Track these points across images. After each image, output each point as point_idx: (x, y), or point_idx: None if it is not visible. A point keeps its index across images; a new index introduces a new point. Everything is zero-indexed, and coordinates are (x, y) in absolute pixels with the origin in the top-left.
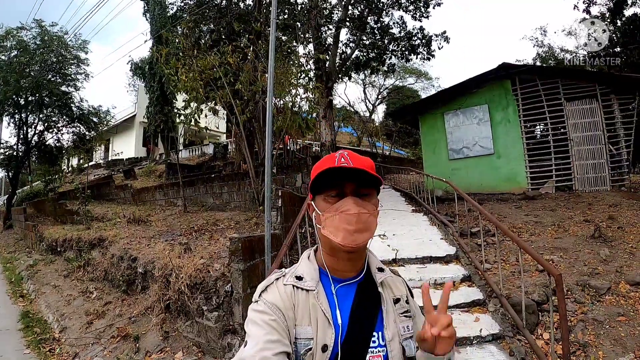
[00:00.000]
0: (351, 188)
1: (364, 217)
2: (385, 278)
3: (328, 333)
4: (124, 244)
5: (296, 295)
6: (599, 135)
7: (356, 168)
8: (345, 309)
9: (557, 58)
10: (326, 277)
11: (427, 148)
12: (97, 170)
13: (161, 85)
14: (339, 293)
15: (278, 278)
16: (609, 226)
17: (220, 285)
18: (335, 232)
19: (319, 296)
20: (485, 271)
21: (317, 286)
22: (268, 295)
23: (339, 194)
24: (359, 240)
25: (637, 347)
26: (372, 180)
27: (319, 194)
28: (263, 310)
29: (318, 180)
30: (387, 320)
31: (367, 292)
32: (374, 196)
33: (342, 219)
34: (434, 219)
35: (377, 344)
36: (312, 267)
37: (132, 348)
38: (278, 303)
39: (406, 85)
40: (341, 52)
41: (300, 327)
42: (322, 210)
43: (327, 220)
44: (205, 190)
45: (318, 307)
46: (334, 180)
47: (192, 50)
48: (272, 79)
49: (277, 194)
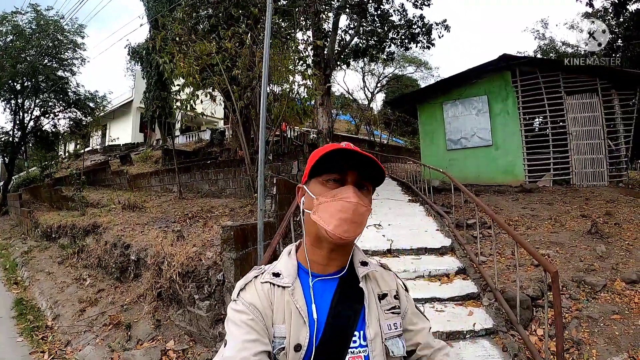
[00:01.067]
0: (353, 177)
1: (361, 210)
2: (370, 272)
3: (302, 332)
4: (118, 230)
5: (273, 293)
6: (599, 130)
7: (364, 154)
8: (324, 305)
9: (558, 51)
10: (306, 273)
11: (425, 138)
12: (93, 156)
13: (159, 70)
14: (316, 288)
15: (257, 276)
16: (605, 222)
17: (212, 274)
18: (327, 220)
19: (294, 293)
20: (480, 264)
21: (294, 282)
22: (246, 294)
23: (340, 181)
24: (350, 232)
25: (631, 347)
26: (373, 175)
27: (316, 177)
28: (241, 310)
29: (321, 162)
30: (369, 318)
31: (349, 287)
32: (370, 192)
33: (339, 206)
34: (430, 209)
35: (357, 344)
36: (290, 263)
37: (123, 336)
38: (256, 303)
39: (405, 74)
40: (340, 39)
41: (276, 325)
42: (316, 194)
43: (320, 206)
44: (201, 176)
45: (292, 304)
46: (336, 165)
47: (189, 35)
48: (267, 63)
49: (272, 182)
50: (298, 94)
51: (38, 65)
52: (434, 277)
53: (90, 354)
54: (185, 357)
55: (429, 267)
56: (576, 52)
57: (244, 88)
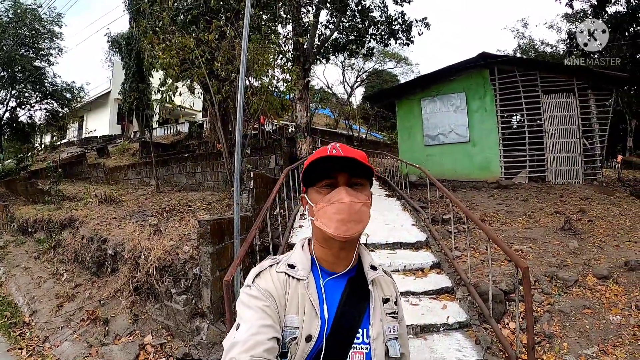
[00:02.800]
0: (343, 179)
1: (357, 207)
2: (377, 277)
3: (314, 324)
4: (95, 224)
5: (288, 284)
6: (574, 129)
7: (347, 157)
8: (333, 302)
9: (537, 50)
10: (317, 268)
11: (403, 133)
12: (70, 148)
13: (138, 61)
14: (327, 287)
15: (271, 265)
16: (579, 219)
17: (189, 268)
18: (327, 223)
19: (309, 286)
20: (455, 259)
21: (309, 276)
22: (261, 281)
23: (332, 185)
24: (351, 230)
25: (602, 340)
26: (365, 170)
27: (311, 187)
28: (257, 296)
29: (310, 172)
30: (373, 318)
31: (356, 288)
32: (366, 187)
33: (334, 209)
34: (406, 204)
35: (361, 341)
36: (304, 256)
37: (101, 331)
38: (271, 290)
39: (386, 70)
40: (320, 34)
41: (288, 315)
42: (314, 202)
43: (319, 212)
44: (179, 169)
45: (307, 297)
46: (326, 172)
47: (170, 26)
48: (245, 55)
49: (249, 176)
50: (277, 87)
51: (15, 55)
52: (409, 271)
53: (68, 350)
54: (163, 351)
55: (404, 261)
56: (555, 52)
57: (222, 81)
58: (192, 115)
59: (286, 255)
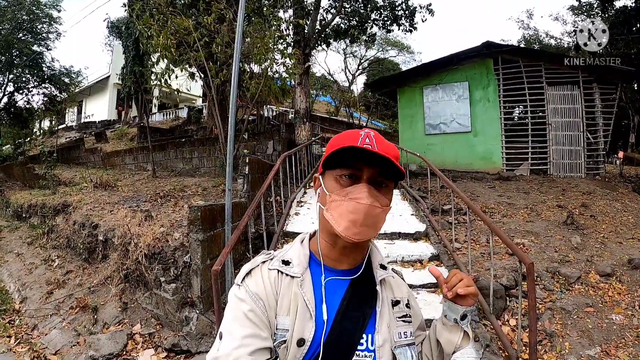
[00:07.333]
0: (369, 174)
1: (375, 212)
2: (387, 277)
3: (307, 326)
4: (87, 210)
5: (280, 282)
6: (578, 122)
7: (380, 154)
8: (334, 303)
9: (542, 42)
10: (318, 265)
11: (404, 121)
12: (68, 133)
13: (137, 45)
14: (328, 286)
15: (264, 261)
16: (581, 214)
17: (179, 256)
18: (338, 220)
19: (303, 284)
20: (454, 251)
21: (304, 274)
22: (251, 280)
23: (353, 176)
24: (362, 234)
25: (604, 341)
26: (395, 171)
27: (330, 170)
28: (243, 299)
29: (334, 155)
30: (380, 323)
31: (361, 289)
32: (391, 190)
33: (350, 207)
34: (406, 193)
35: (364, 347)
36: (302, 252)
37: (90, 320)
38: (260, 292)
39: (387, 58)
40: (321, 19)
41: (279, 316)
42: (330, 190)
43: (332, 203)
44: (176, 155)
45: (300, 296)
46: (352, 159)
47: (167, 7)
48: (240, 36)
49: (245, 161)
50: (277, 72)
51: (12, 39)
52: (407, 262)
53: (57, 338)
54: (152, 341)
55: (403, 252)
56: (559, 45)
57: (221, 65)
58: (191, 100)
59: (283, 250)
